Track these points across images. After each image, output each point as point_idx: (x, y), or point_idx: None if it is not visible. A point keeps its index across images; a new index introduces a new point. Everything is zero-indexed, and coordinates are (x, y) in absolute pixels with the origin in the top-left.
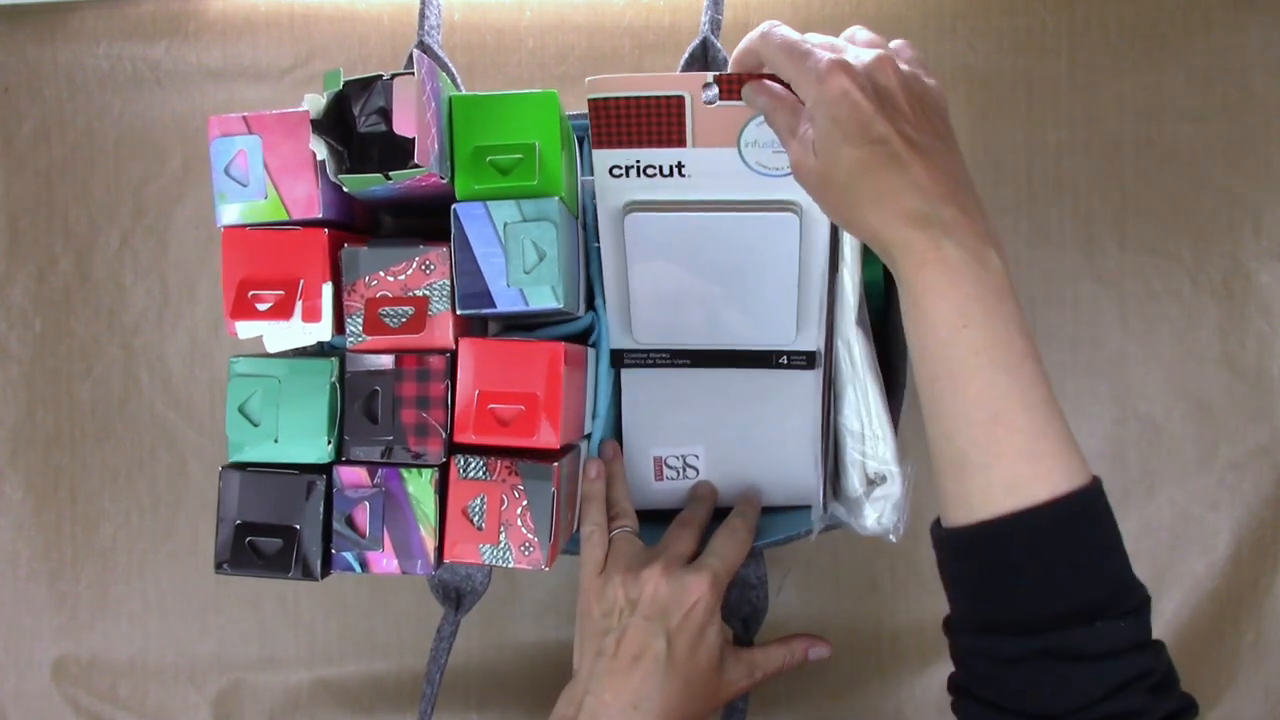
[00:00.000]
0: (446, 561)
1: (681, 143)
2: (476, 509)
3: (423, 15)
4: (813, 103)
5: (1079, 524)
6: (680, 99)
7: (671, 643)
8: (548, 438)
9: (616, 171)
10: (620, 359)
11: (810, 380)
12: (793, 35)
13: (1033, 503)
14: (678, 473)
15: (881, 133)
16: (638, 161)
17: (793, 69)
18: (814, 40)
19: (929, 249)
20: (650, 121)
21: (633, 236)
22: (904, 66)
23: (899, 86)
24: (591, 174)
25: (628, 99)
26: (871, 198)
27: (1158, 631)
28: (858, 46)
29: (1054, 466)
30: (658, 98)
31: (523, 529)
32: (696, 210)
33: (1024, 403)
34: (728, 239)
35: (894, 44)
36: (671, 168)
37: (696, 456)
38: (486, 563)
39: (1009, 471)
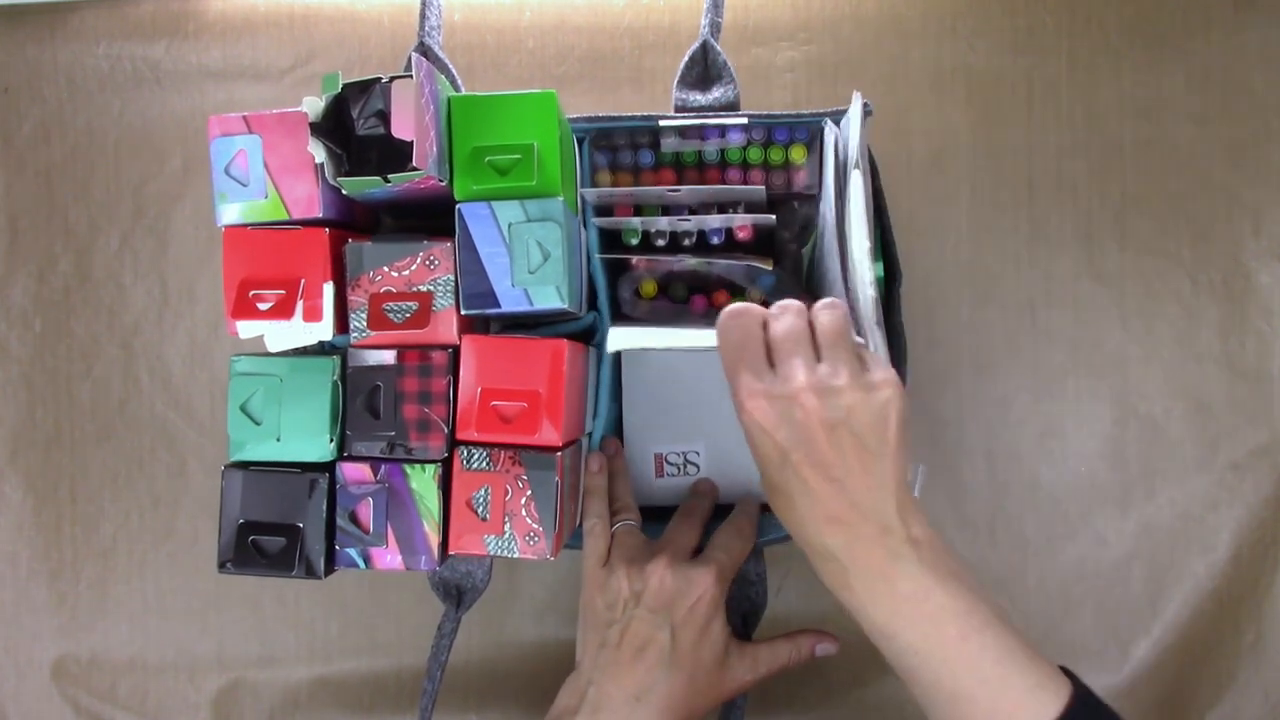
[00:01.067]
0: (451, 553)
1: None
2: (481, 500)
3: (423, 16)
4: (740, 422)
5: None
6: None
7: (676, 635)
8: (549, 435)
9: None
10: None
11: None
12: (742, 338)
13: None
14: (678, 470)
15: (791, 464)
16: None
17: (729, 379)
18: (776, 334)
19: (837, 581)
20: None
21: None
22: (834, 382)
23: (816, 414)
24: (591, 184)
25: None
26: (788, 522)
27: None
28: (794, 362)
29: (1028, 708)
30: None
31: (527, 519)
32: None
33: (976, 677)
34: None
35: (845, 350)
36: None
37: (697, 454)
38: (491, 553)
39: None
